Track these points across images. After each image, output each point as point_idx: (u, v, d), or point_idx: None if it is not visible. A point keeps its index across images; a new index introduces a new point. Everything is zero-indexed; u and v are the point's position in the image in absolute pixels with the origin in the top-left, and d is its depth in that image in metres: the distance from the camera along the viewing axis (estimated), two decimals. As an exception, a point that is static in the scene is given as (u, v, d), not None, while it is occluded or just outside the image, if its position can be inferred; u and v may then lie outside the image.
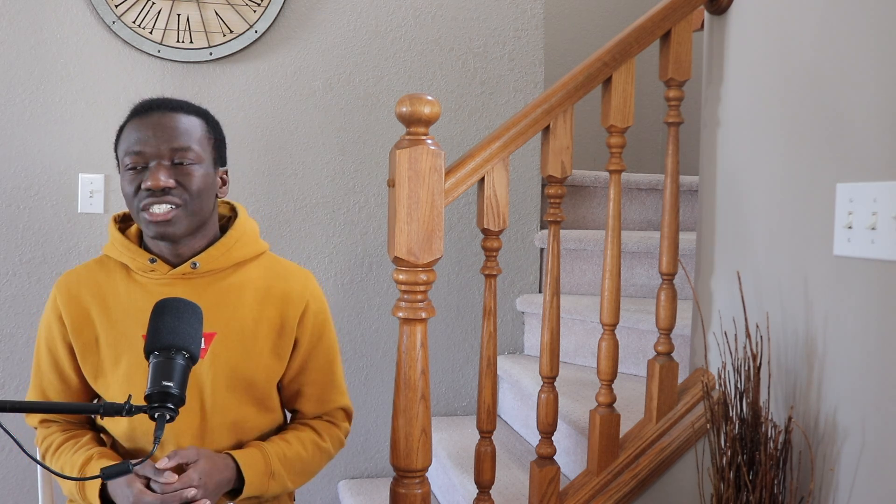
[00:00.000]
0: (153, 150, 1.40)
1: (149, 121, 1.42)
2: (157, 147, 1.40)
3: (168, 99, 1.48)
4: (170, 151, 1.41)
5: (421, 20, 2.63)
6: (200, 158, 1.44)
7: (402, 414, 1.54)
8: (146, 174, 1.40)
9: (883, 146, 1.34)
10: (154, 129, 1.41)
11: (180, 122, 1.44)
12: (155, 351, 1.18)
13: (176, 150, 1.41)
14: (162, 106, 1.45)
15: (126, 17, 2.41)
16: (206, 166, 1.45)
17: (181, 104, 1.48)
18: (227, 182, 1.54)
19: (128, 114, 1.48)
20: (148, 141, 1.41)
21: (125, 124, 1.46)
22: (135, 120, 1.44)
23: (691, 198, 2.95)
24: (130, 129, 1.44)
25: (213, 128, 1.51)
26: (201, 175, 1.43)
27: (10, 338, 2.42)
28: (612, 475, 1.81)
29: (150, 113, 1.44)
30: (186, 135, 1.43)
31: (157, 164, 1.40)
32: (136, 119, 1.44)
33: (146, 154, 1.40)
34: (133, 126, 1.44)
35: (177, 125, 1.43)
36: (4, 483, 2.42)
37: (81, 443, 1.47)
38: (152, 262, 1.46)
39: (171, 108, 1.45)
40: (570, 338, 2.54)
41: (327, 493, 2.62)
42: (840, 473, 1.44)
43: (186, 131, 1.43)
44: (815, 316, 1.51)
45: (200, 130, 1.46)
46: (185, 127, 1.44)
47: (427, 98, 1.50)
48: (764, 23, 1.71)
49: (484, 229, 1.66)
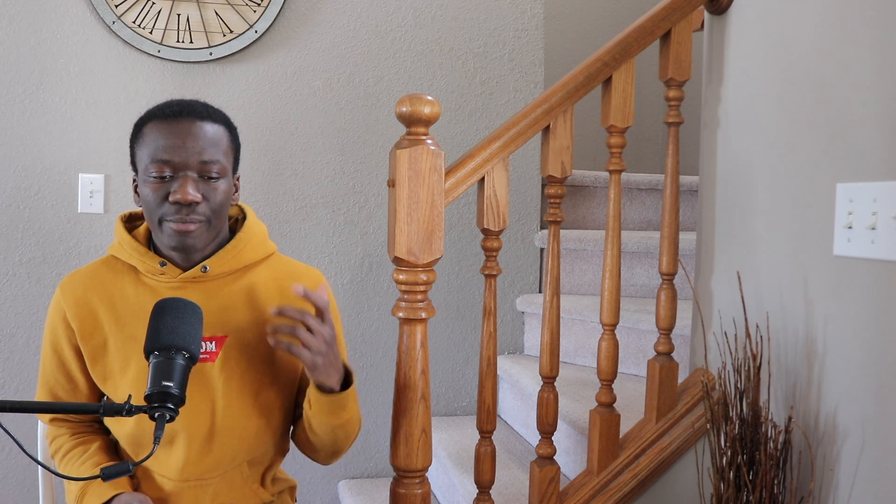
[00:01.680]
0: (183, 160, 1.35)
1: (179, 128, 1.37)
2: (188, 159, 1.35)
3: (196, 103, 1.42)
4: (199, 164, 1.36)
5: (421, 20, 2.63)
6: (225, 171, 1.40)
7: (402, 414, 1.54)
8: (174, 185, 1.35)
9: (883, 146, 1.34)
10: (185, 139, 1.36)
11: (211, 132, 1.39)
12: (155, 351, 1.18)
13: (205, 164, 1.37)
14: (192, 113, 1.39)
15: (126, 17, 2.41)
16: (228, 178, 1.42)
17: (210, 111, 1.42)
18: (239, 188, 1.51)
19: (151, 110, 1.41)
20: (178, 150, 1.35)
21: (148, 122, 1.40)
22: (162, 123, 1.38)
23: (691, 198, 2.96)
24: (157, 132, 1.37)
25: (234, 136, 1.47)
26: (225, 189, 1.40)
27: (11, 338, 2.42)
28: (612, 475, 1.81)
29: (179, 119, 1.38)
30: (215, 147, 1.39)
31: (185, 177, 1.35)
32: (164, 123, 1.38)
33: (175, 164, 1.35)
34: (160, 129, 1.37)
35: (207, 136, 1.38)
36: (4, 483, 2.42)
37: (89, 453, 1.46)
38: (162, 265, 1.43)
39: (201, 115, 1.40)
40: (570, 338, 2.54)
41: (327, 493, 2.62)
42: (840, 473, 1.44)
43: (215, 143, 1.39)
44: (815, 316, 1.51)
45: (226, 140, 1.42)
46: (214, 138, 1.39)
47: (427, 98, 1.49)
48: (764, 23, 1.71)
49: (484, 229, 1.66)
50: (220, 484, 1.46)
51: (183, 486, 1.44)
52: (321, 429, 1.44)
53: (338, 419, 1.42)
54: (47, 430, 1.55)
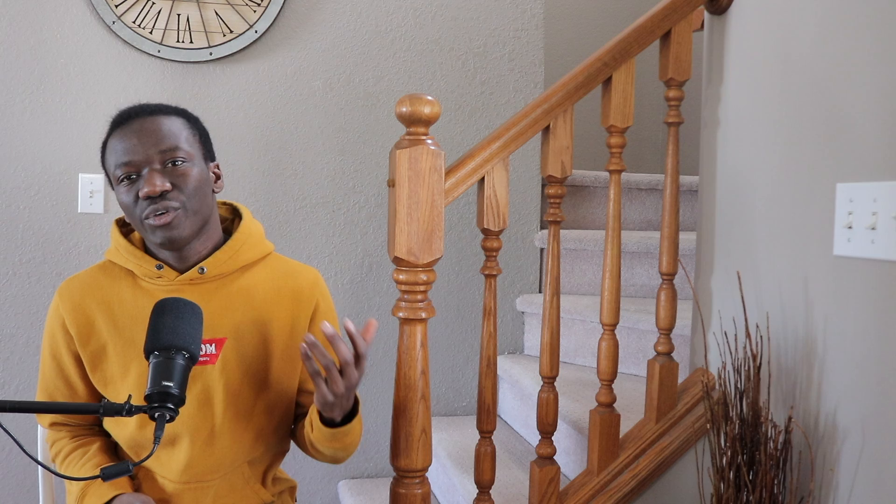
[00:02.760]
0: (142, 156, 1.38)
1: (131, 128, 1.40)
2: (146, 152, 1.38)
3: (146, 104, 1.45)
4: (159, 155, 1.38)
5: (421, 20, 2.63)
6: (190, 156, 1.42)
7: (401, 414, 1.54)
8: (141, 182, 1.38)
9: (883, 146, 1.34)
10: (139, 136, 1.39)
11: (162, 123, 1.41)
12: (155, 351, 1.18)
13: (165, 153, 1.39)
14: (140, 112, 1.42)
15: (126, 17, 2.41)
16: (197, 163, 1.43)
17: (158, 107, 1.45)
18: (221, 176, 1.51)
19: (108, 129, 1.45)
20: (135, 148, 1.38)
21: (108, 139, 1.44)
22: (117, 132, 1.41)
23: (691, 198, 2.96)
24: (115, 141, 1.41)
25: (194, 124, 1.48)
26: (195, 173, 1.41)
27: (11, 338, 2.42)
28: (612, 475, 1.81)
29: (130, 121, 1.41)
30: (171, 135, 1.41)
31: (149, 171, 1.37)
32: (118, 130, 1.41)
33: (136, 162, 1.38)
34: (117, 137, 1.41)
35: (160, 127, 1.40)
36: (4, 483, 2.42)
37: (89, 454, 1.46)
38: (159, 268, 1.44)
39: (149, 112, 1.42)
40: (570, 338, 2.54)
41: (327, 493, 2.62)
42: (840, 473, 1.44)
43: (171, 132, 1.41)
44: (815, 316, 1.51)
45: (184, 128, 1.44)
46: (168, 128, 1.41)
47: (427, 98, 1.49)
48: (764, 23, 1.71)
49: (484, 229, 1.66)
50: (221, 485, 1.46)
51: (184, 487, 1.44)
52: (323, 448, 1.46)
53: (339, 444, 1.44)
54: (47, 435, 1.55)
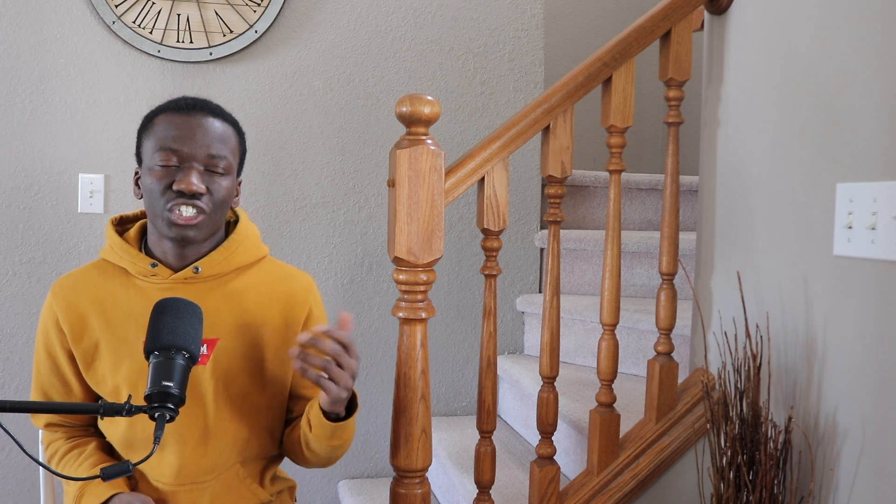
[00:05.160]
0: (191, 151, 1.37)
1: (190, 120, 1.39)
2: (195, 150, 1.37)
3: (209, 101, 1.44)
4: (206, 157, 1.38)
5: (421, 20, 2.63)
6: (231, 168, 1.42)
7: (401, 414, 1.54)
8: (178, 174, 1.37)
9: (883, 146, 1.34)
10: (196, 131, 1.38)
11: (220, 129, 1.41)
12: (155, 351, 1.18)
13: (212, 157, 1.38)
14: (203, 107, 1.41)
15: (126, 17, 2.41)
16: (232, 177, 1.43)
17: (222, 111, 1.44)
18: (240, 193, 1.52)
19: (163, 104, 1.43)
20: (187, 141, 1.37)
21: (160, 114, 1.41)
22: (174, 115, 1.40)
23: (691, 198, 2.96)
24: (167, 123, 1.39)
25: (242, 139, 1.49)
26: (228, 185, 1.41)
27: (11, 338, 2.42)
28: (612, 475, 1.81)
29: (192, 112, 1.40)
30: (224, 143, 1.40)
31: (190, 167, 1.37)
32: (176, 114, 1.39)
33: (184, 154, 1.37)
34: (171, 121, 1.39)
35: (217, 131, 1.40)
36: (4, 483, 2.42)
37: (86, 454, 1.46)
38: (153, 266, 1.44)
39: (213, 112, 1.42)
40: (570, 338, 2.54)
41: (327, 493, 2.62)
42: (840, 473, 1.44)
43: (224, 140, 1.41)
44: (815, 316, 1.51)
45: (234, 140, 1.44)
46: (224, 135, 1.41)
47: (427, 98, 1.49)
48: (764, 23, 1.71)
49: (484, 229, 1.66)
50: (216, 486, 1.46)
51: (179, 489, 1.44)
52: (320, 448, 1.45)
53: (338, 440, 1.44)
54: (42, 436, 1.55)
